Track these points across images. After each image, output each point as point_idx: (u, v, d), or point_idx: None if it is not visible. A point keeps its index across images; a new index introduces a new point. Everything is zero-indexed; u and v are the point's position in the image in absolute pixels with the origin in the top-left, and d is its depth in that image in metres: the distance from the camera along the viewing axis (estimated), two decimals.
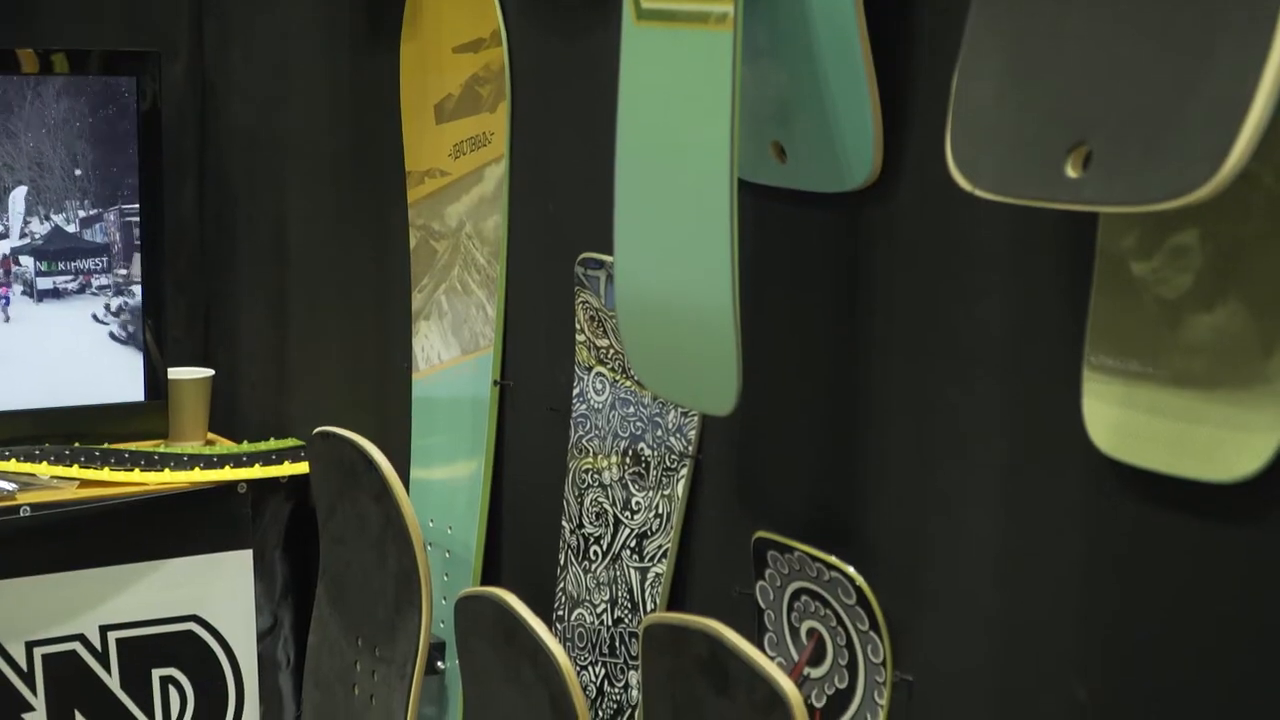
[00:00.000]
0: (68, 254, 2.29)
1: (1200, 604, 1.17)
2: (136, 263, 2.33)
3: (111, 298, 2.34)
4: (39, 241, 2.33)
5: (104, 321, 2.34)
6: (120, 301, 2.35)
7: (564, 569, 1.85)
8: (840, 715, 1.46)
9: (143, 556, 2.22)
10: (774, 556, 1.52)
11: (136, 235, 2.34)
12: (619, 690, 1.75)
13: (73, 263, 2.29)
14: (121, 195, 2.32)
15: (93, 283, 2.33)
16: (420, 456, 2.19)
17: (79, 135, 2.31)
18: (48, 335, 2.35)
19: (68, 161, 2.24)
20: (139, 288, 2.39)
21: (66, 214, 2.29)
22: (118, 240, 2.32)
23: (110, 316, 2.34)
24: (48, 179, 2.25)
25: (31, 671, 2.17)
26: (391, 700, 1.90)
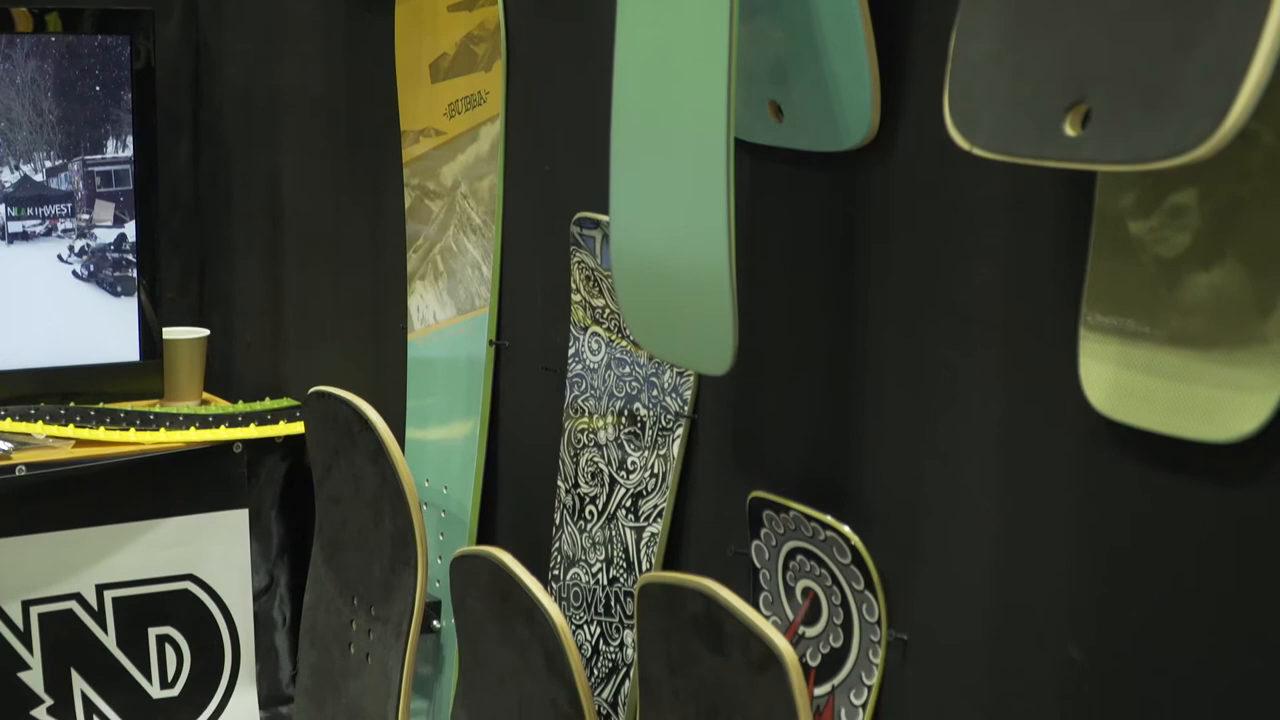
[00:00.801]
0: (35, 201, 2.37)
1: (1197, 564, 1.17)
2: (98, 208, 2.39)
3: (75, 240, 2.41)
4: (9, 189, 2.35)
5: (68, 262, 2.42)
6: (83, 244, 2.42)
7: (559, 528, 1.85)
8: (835, 674, 1.47)
9: (139, 516, 2.22)
10: (769, 516, 1.52)
11: (99, 183, 2.39)
12: (614, 649, 1.75)
13: (40, 209, 2.39)
14: (85, 147, 2.41)
15: (58, 226, 2.39)
16: (416, 417, 2.19)
17: (45, 91, 2.35)
18: (19, 275, 2.41)
19: (35, 117, 2.37)
20: (100, 230, 2.41)
21: (34, 164, 2.37)
22: (81, 188, 2.42)
23: (74, 257, 2.42)
24: (16, 132, 2.37)
25: (28, 630, 2.18)
26: (387, 659, 1.90)
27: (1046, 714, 1.29)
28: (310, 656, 2.07)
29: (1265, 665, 1.12)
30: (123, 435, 2.26)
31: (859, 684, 1.44)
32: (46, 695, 2.19)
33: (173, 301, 2.66)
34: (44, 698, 2.19)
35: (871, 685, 1.43)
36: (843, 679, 1.46)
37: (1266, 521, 1.11)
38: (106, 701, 2.22)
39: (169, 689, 2.26)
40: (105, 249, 2.41)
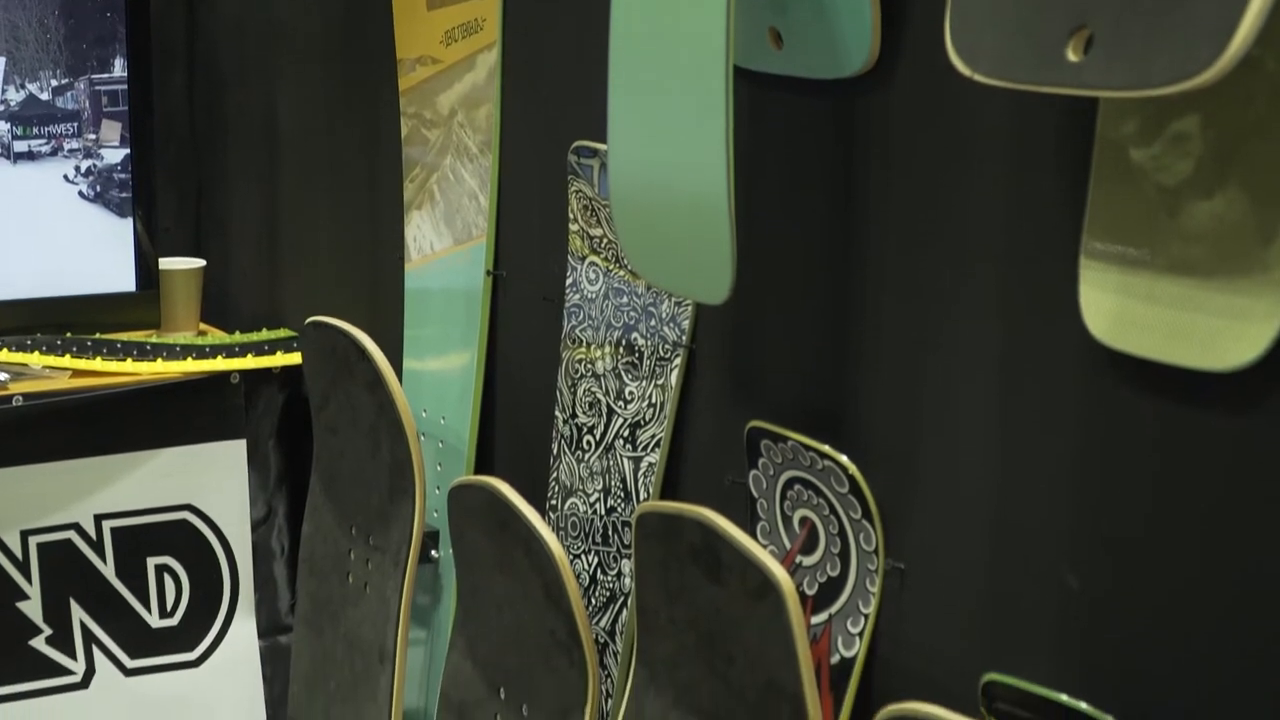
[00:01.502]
0: (41, 120, 2.36)
1: (1195, 493, 1.17)
2: (105, 128, 2.38)
3: (81, 160, 2.40)
4: (14, 108, 2.34)
5: (74, 182, 2.41)
6: (89, 164, 2.41)
7: (557, 458, 1.85)
8: (832, 603, 1.47)
9: (136, 446, 2.22)
10: (767, 445, 1.52)
11: (105, 103, 2.38)
12: (612, 579, 1.76)
13: (46, 128, 2.38)
14: (91, 66, 2.40)
15: (64, 146, 2.38)
16: (413, 347, 2.18)
17: (52, 9, 2.35)
18: (22, 197, 2.39)
19: (41, 35, 2.36)
20: (107, 151, 2.41)
21: (40, 83, 2.36)
22: (87, 108, 2.40)
23: (80, 177, 2.41)
24: (23, 50, 2.36)
25: (27, 560, 2.18)
26: (386, 588, 1.91)
27: (1043, 642, 1.29)
28: (309, 586, 2.08)
29: (1262, 592, 1.12)
30: (120, 366, 2.25)
31: (856, 612, 1.45)
32: (45, 625, 2.19)
33: (169, 232, 2.65)
34: (43, 627, 2.19)
35: (868, 614, 1.44)
36: (840, 607, 1.46)
37: (1265, 450, 1.11)
38: (106, 631, 2.23)
39: (168, 618, 2.26)
40: (112, 169, 2.40)
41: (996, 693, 1.27)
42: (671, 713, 1.49)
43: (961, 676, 1.32)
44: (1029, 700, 1.25)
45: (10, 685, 2.17)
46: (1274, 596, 1.11)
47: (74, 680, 2.21)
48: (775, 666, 1.36)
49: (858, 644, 1.44)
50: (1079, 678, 1.24)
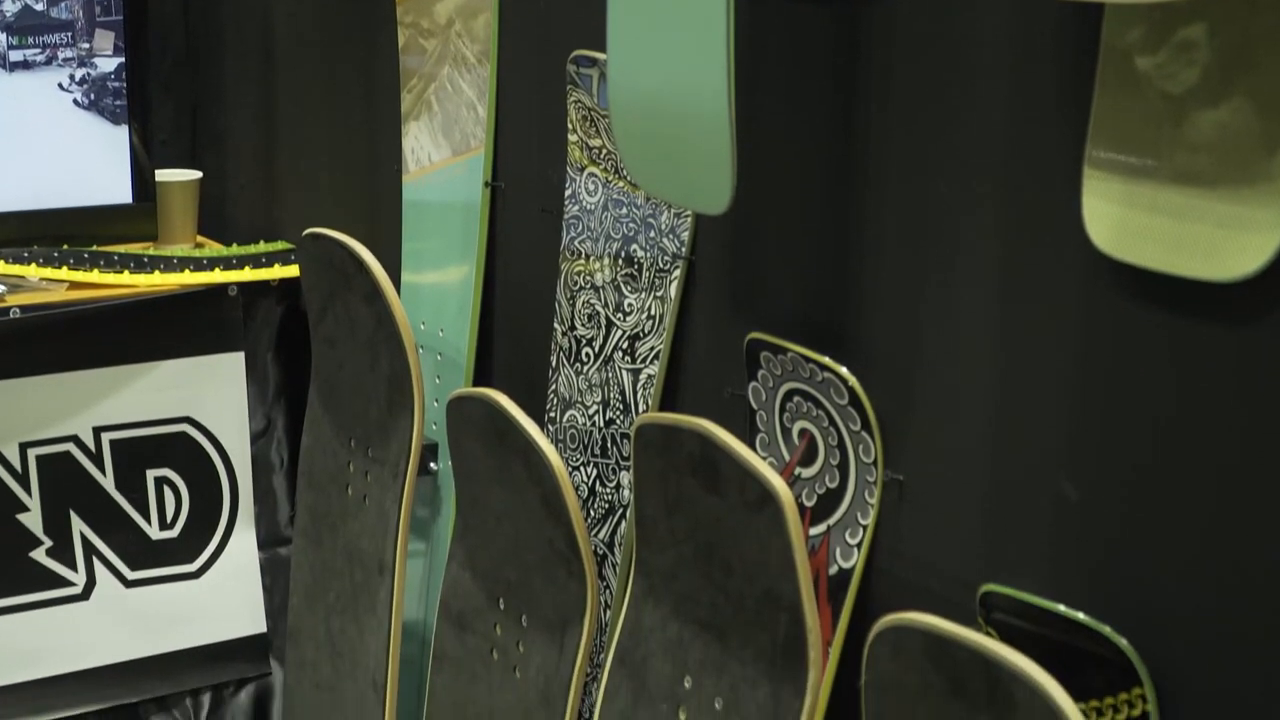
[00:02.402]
0: (36, 29, 2.37)
1: (1195, 404, 1.17)
2: (99, 37, 2.37)
3: (75, 69, 2.39)
4: (9, 18, 2.33)
5: (68, 90, 2.40)
6: (84, 72, 2.40)
7: (556, 371, 1.85)
8: (831, 514, 1.47)
9: (134, 359, 2.22)
10: (767, 357, 1.52)
11: (98, 13, 2.36)
12: (610, 491, 1.76)
13: (40, 37, 2.38)
14: None
15: (59, 55, 2.38)
16: (411, 260, 2.17)
17: None
18: (18, 106, 2.38)
19: None
20: (101, 60, 2.39)
21: None
22: (80, 17, 2.39)
23: (74, 86, 2.40)
24: None
25: (26, 473, 2.18)
26: (385, 500, 1.91)
27: (1041, 552, 1.29)
28: (308, 498, 2.08)
29: (1260, 502, 1.12)
30: (117, 278, 2.25)
31: (854, 524, 1.45)
32: (45, 536, 2.20)
33: (165, 145, 2.63)
34: (43, 539, 2.20)
35: (867, 525, 1.44)
36: (838, 519, 1.46)
37: (1267, 361, 1.11)
38: (106, 542, 2.24)
39: (168, 530, 2.27)
40: (106, 78, 2.38)
41: (994, 603, 1.28)
42: (670, 623, 1.50)
43: (960, 587, 1.33)
44: (1027, 610, 1.25)
45: (11, 597, 2.18)
46: (1273, 506, 1.11)
47: (75, 592, 2.22)
48: (773, 577, 1.37)
49: (856, 555, 1.45)
50: (1077, 588, 1.25)
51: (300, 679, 2.09)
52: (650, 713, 1.50)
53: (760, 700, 1.38)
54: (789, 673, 1.36)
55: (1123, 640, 1.19)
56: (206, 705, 2.29)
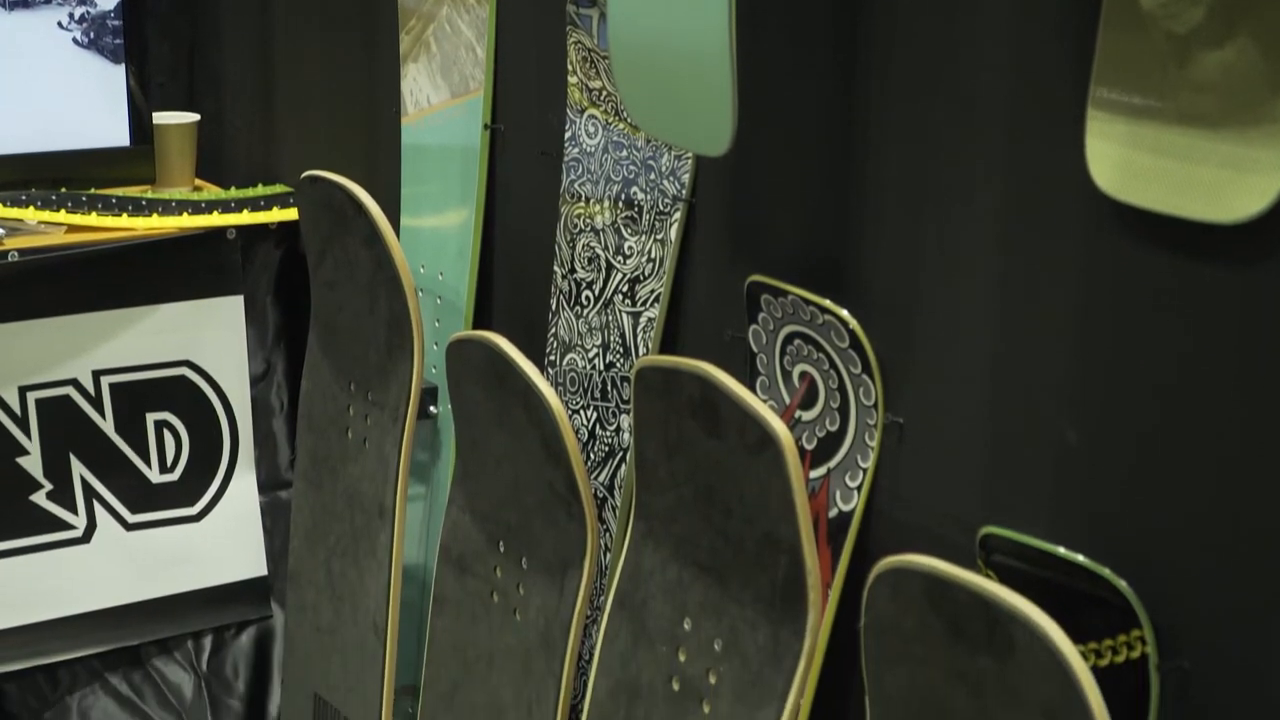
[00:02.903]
0: None
1: (1197, 346, 1.16)
2: None
3: (75, 7, 2.39)
4: None
5: (68, 29, 2.39)
6: (83, 10, 2.39)
7: (556, 314, 1.84)
8: (831, 457, 1.47)
9: (133, 302, 2.21)
10: (767, 300, 1.51)
11: None
12: (610, 434, 1.76)
13: None
14: None
15: None
16: (410, 204, 2.17)
17: None
18: (17, 44, 2.37)
19: None
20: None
21: None
22: None
23: (74, 24, 2.39)
24: None
25: (25, 416, 2.18)
26: (385, 444, 1.91)
27: (1041, 495, 1.29)
28: (308, 441, 2.08)
29: (1262, 446, 1.12)
30: (115, 221, 2.24)
31: (854, 467, 1.45)
32: (46, 480, 2.20)
33: (163, 87, 2.61)
34: (43, 482, 2.20)
35: (867, 468, 1.44)
36: (838, 462, 1.46)
37: (1269, 304, 1.10)
38: (106, 486, 2.24)
39: (168, 473, 2.27)
40: (105, 16, 2.37)
41: (994, 545, 1.28)
42: (670, 565, 1.50)
43: (959, 530, 1.33)
44: (1026, 553, 1.25)
45: (12, 540, 2.18)
46: (1274, 450, 1.11)
47: (75, 535, 2.23)
48: (773, 520, 1.37)
49: (856, 498, 1.45)
50: (1077, 531, 1.24)
51: (301, 622, 2.10)
52: (650, 654, 1.51)
53: (760, 642, 1.39)
54: (788, 615, 1.36)
55: (1122, 582, 1.19)
56: (208, 647, 2.30)
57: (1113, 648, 1.20)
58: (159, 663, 2.28)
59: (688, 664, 1.46)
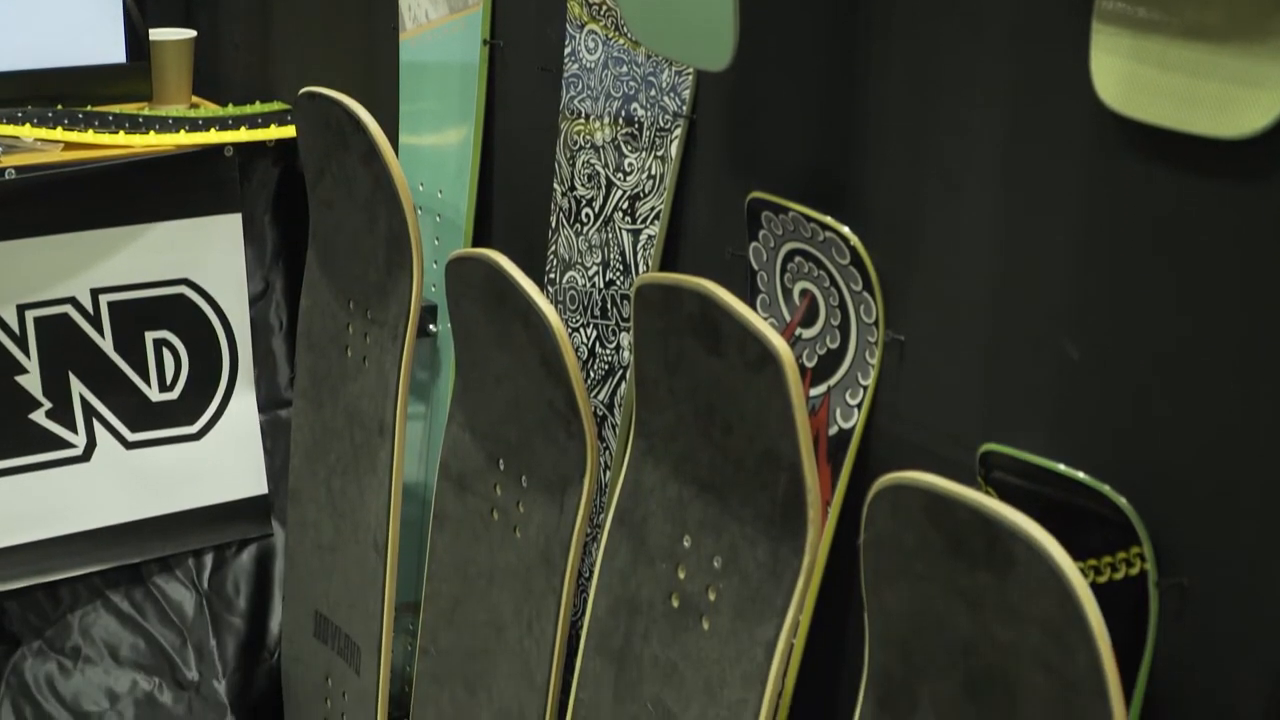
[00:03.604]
0: None
1: (1201, 262, 1.16)
2: None
3: None
4: None
5: None
6: None
7: (555, 232, 1.83)
8: (831, 375, 1.47)
9: (130, 220, 2.20)
10: (768, 217, 1.50)
11: None
12: (610, 352, 1.76)
13: None
14: None
15: None
16: (409, 122, 2.15)
17: None
18: None
19: None
20: None
21: None
22: None
23: None
24: None
25: (24, 334, 2.18)
26: (384, 362, 1.90)
27: (1041, 412, 1.29)
28: (307, 360, 2.08)
29: (1263, 362, 1.12)
30: (112, 139, 2.22)
31: (855, 384, 1.45)
32: (45, 399, 2.20)
33: (159, 3, 2.59)
34: (43, 401, 2.20)
35: (867, 385, 1.43)
36: (839, 379, 1.46)
37: (1274, 220, 1.09)
38: (105, 404, 2.24)
39: (168, 392, 2.27)
40: None
41: (994, 462, 1.28)
42: (669, 483, 1.50)
43: (959, 447, 1.33)
44: (1026, 469, 1.25)
45: (12, 459, 2.18)
46: (1275, 365, 1.11)
47: (75, 453, 2.23)
48: (773, 437, 1.37)
49: (856, 415, 1.45)
50: (1077, 447, 1.24)
51: (302, 540, 2.10)
52: (650, 571, 1.51)
53: (759, 559, 1.39)
54: (788, 532, 1.36)
55: (1122, 499, 1.19)
56: (209, 565, 2.31)
57: (1112, 564, 1.20)
58: (160, 580, 2.29)
59: (687, 581, 1.47)
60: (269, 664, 2.30)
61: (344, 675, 2.01)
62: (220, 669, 2.28)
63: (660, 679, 1.49)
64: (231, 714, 2.26)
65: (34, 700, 2.20)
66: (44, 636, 2.23)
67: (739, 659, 1.40)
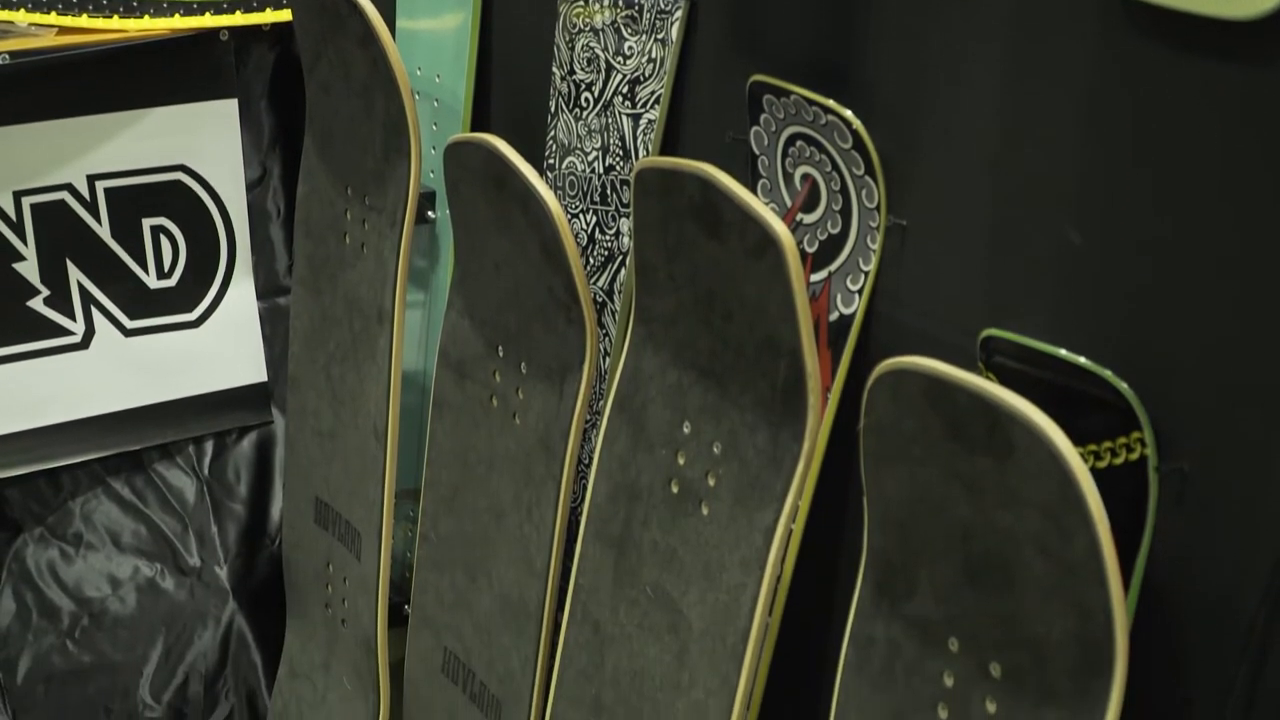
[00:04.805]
0: None
1: (1207, 146, 1.14)
2: None
3: None
4: None
5: None
6: None
7: (554, 116, 1.81)
8: (832, 261, 1.46)
9: (126, 105, 2.18)
10: (769, 101, 1.49)
11: None
12: (610, 238, 1.74)
13: None
14: None
15: None
16: (405, 6, 2.13)
17: None
18: None
19: None
20: None
21: None
22: None
23: None
24: None
25: (21, 221, 2.17)
26: (383, 248, 1.89)
27: (1044, 297, 1.28)
28: (305, 247, 2.07)
29: (1267, 248, 1.11)
30: (106, 23, 2.20)
31: (856, 270, 1.44)
32: (43, 286, 2.20)
33: None
34: (40, 288, 2.19)
35: (869, 271, 1.43)
36: (840, 265, 1.45)
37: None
38: (104, 292, 2.23)
39: (166, 279, 2.26)
40: None
41: (995, 347, 1.27)
42: (669, 369, 1.49)
43: (961, 333, 1.32)
44: (1028, 354, 1.25)
45: (10, 346, 2.18)
46: (1278, 252, 1.10)
47: (74, 340, 2.22)
48: (773, 323, 1.36)
49: (857, 301, 1.44)
50: (1079, 333, 1.24)
51: (301, 427, 2.10)
52: (649, 458, 1.51)
53: (759, 445, 1.39)
54: (788, 418, 1.36)
55: (1123, 384, 1.18)
56: (209, 452, 2.32)
57: (1112, 450, 1.20)
58: (161, 467, 2.30)
59: (687, 467, 1.47)
60: (270, 550, 2.31)
61: (345, 561, 2.02)
62: (222, 555, 2.29)
63: (659, 564, 1.49)
64: (233, 599, 2.28)
65: (36, 587, 2.21)
66: (45, 523, 2.24)
67: (738, 544, 1.40)
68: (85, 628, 2.21)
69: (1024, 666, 1.13)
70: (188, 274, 2.27)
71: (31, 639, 2.18)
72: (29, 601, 2.20)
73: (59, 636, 2.20)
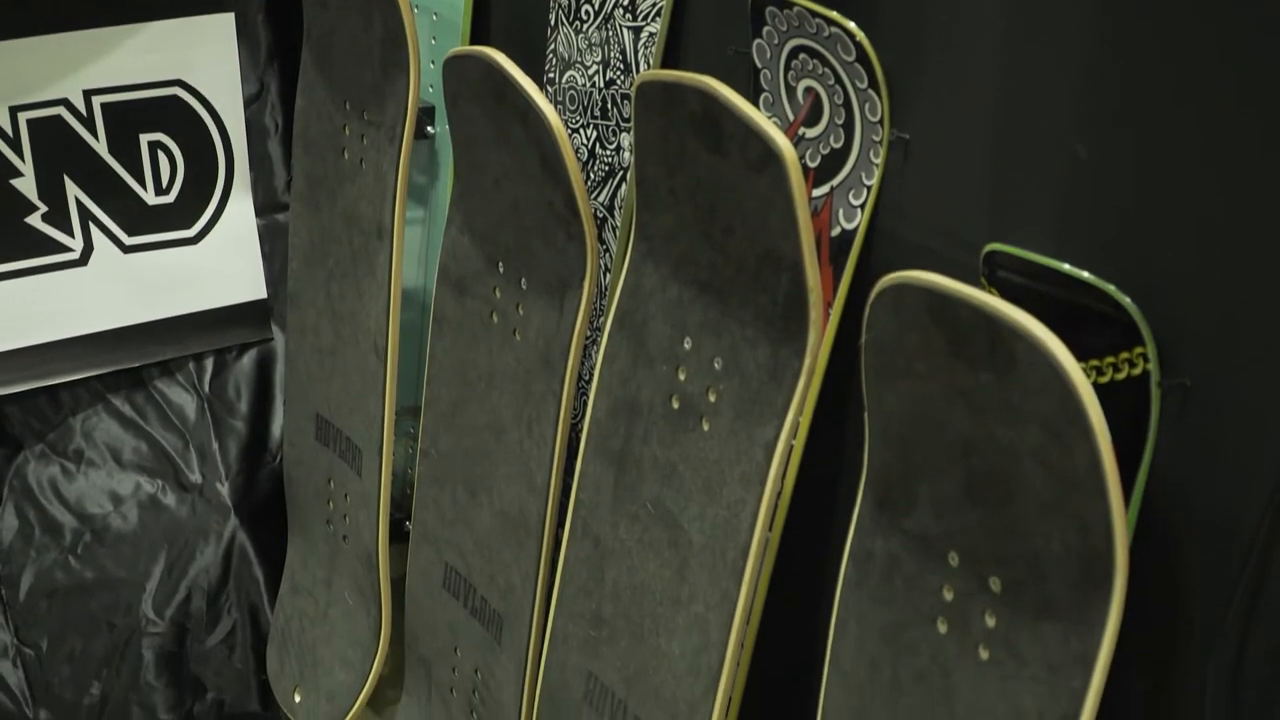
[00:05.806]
0: None
1: (1212, 61, 1.13)
2: None
3: None
4: None
5: None
6: None
7: (554, 30, 1.80)
8: (834, 175, 1.45)
9: (121, 19, 2.16)
10: (772, 13, 1.47)
11: None
12: (610, 153, 1.73)
13: None
14: None
15: None
16: None
17: None
18: None
19: None
20: None
21: None
22: None
23: None
24: None
25: (17, 136, 2.15)
26: (382, 163, 1.88)
27: (1047, 211, 1.28)
28: (304, 163, 2.06)
29: (1271, 164, 1.10)
30: None
31: (858, 184, 1.43)
32: (41, 202, 2.18)
33: None
34: (38, 204, 2.18)
35: (871, 185, 1.42)
36: (842, 179, 1.44)
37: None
38: (102, 208, 2.22)
39: (164, 195, 2.25)
40: None
41: (998, 262, 1.26)
42: (670, 284, 1.49)
43: (963, 248, 1.31)
44: (1031, 269, 1.24)
45: (8, 263, 2.17)
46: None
47: (72, 257, 2.21)
48: (775, 237, 1.35)
49: (859, 216, 1.43)
50: (1082, 247, 1.23)
51: (301, 344, 2.10)
52: (649, 373, 1.51)
53: (760, 360, 1.38)
54: (789, 333, 1.35)
55: (1126, 299, 1.18)
56: (209, 369, 2.31)
57: (1114, 364, 1.19)
58: (161, 385, 2.29)
59: (687, 382, 1.46)
60: (271, 466, 2.31)
61: (345, 477, 2.02)
62: (223, 471, 2.30)
63: (660, 480, 1.49)
64: (234, 515, 2.28)
65: (37, 503, 2.22)
66: (46, 440, 2.24)
67: (738, 460, 1.40)
68: (87, 544, 2.21)
69: (1023, 580, 1.13)
70: (186, 190, 2.25)
71: (34, 555, 2.19)
72: (31, 518, 2.20)
73: (61, 552, 2.20)
